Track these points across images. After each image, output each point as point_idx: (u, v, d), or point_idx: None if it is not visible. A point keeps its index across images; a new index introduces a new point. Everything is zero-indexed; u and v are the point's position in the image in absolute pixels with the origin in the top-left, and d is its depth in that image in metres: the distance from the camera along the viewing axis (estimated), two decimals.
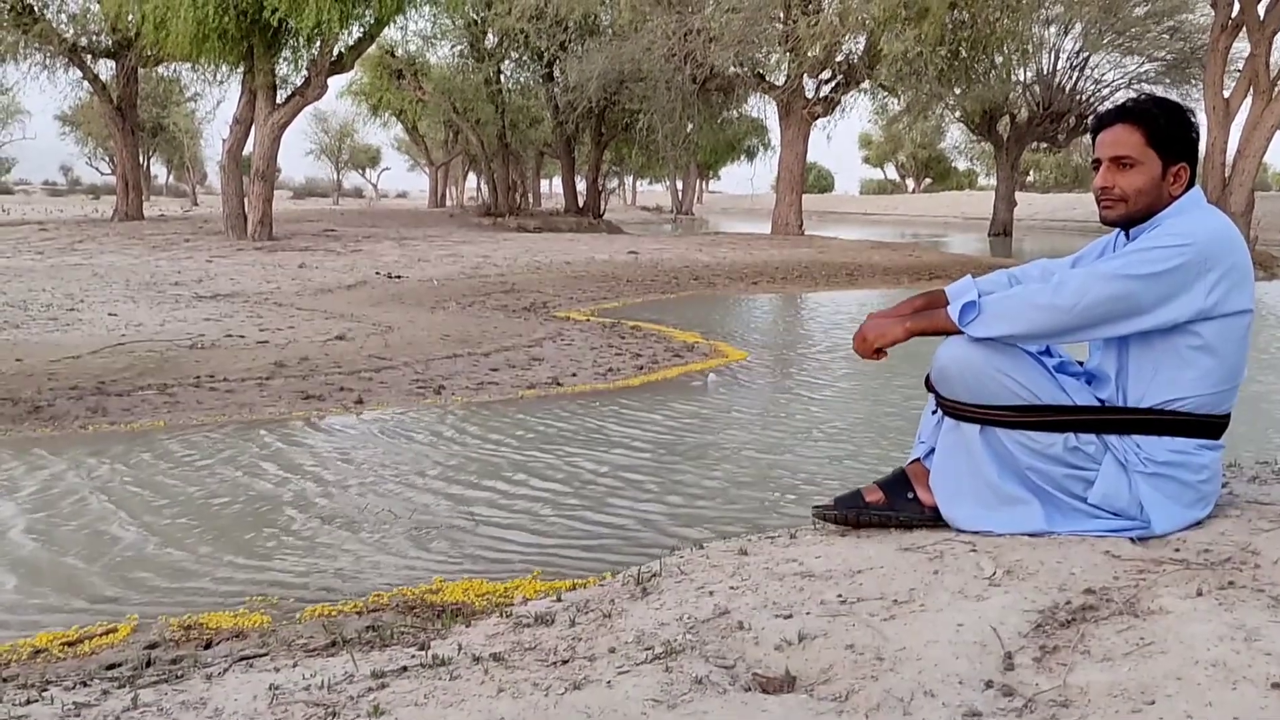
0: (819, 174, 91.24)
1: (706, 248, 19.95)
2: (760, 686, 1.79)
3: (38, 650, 2.60)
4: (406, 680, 1.92)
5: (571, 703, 1.73)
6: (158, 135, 46.54)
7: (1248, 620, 1.87)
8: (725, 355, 7.72)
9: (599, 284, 13.49)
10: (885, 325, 2.57)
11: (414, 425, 5.31)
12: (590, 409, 5.69)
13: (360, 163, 73.39)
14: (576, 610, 2.29)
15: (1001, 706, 1.67)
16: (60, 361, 6.54)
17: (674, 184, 62.10)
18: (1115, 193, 2.46)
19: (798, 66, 22.30)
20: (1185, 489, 2.43)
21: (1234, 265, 2.36)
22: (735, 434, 5.17)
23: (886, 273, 16.80)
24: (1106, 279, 2.36)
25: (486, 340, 7.96)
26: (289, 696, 1.87)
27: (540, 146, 36.68)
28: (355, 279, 12.69)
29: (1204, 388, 2.40)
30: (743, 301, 12.81)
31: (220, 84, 24.31)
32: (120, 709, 1.87)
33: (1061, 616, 2.00)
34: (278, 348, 7.29)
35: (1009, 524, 2.48)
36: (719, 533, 3.44)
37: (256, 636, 2.58)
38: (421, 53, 30.97)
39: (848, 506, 2.70)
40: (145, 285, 11.14)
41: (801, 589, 2.24)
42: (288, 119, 18.45)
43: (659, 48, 22.66)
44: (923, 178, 79.26)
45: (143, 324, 8.21)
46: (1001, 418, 2.45)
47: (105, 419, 5.23)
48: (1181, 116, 2.46)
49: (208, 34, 16.28)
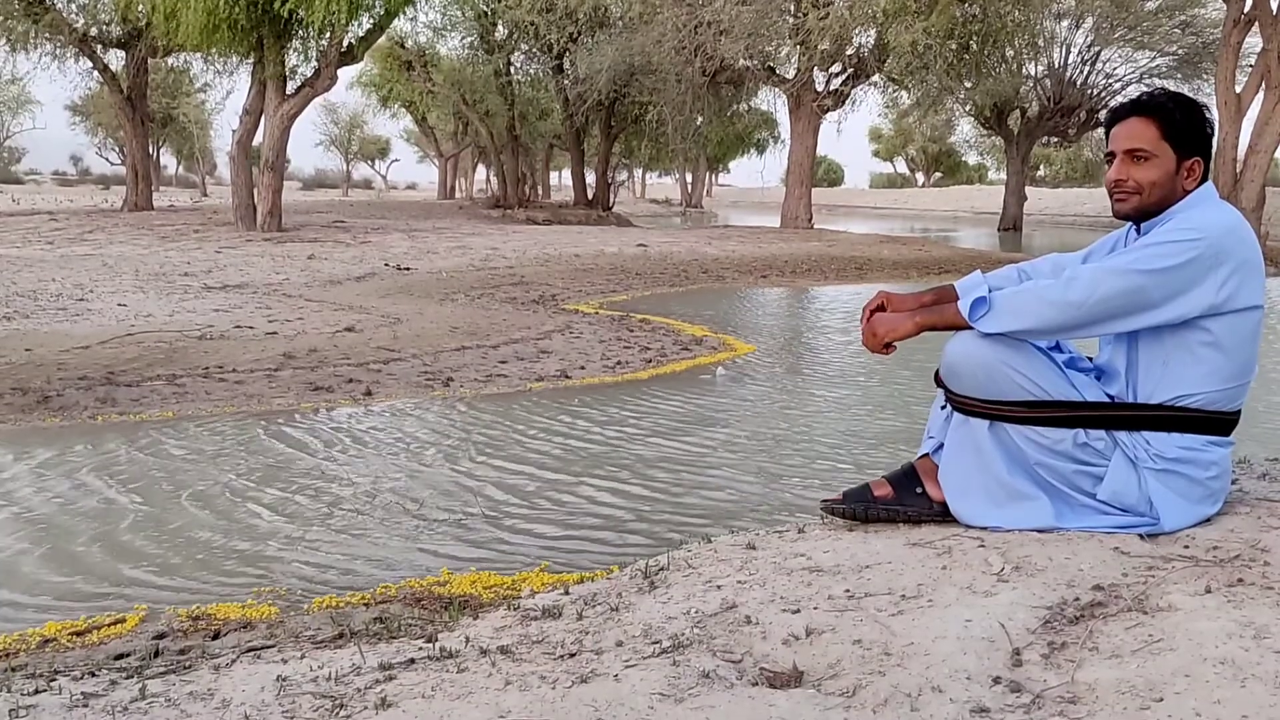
0: (828, 167, 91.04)
1: (716, 241, 19.93)
2: (767, 681, 1.79)
3: (46, 640, 2.61)
4: (414, 672, 1.93)
5: (578, 696, 1.73)
6: (168, 126, 46.69)
7: (1257, 618, 1.87)
8: (734, 349, 7.71)
9: (608, 277, 13.49)
10: (895, 320, 2.56)
11: (422, 417, 5.32)
12: (599, 402, 5.69)
13: (369, 154, 73.46)
14: (584, 603, 2.29)
15: (1009, 703, 1.67)
16: (69, 351, 6.55)
17: (683, 177, 62.08)
18: (1129, 185, 2.45)
19: (808, 59, 22.24)
20: (1195, 485, 2.42)
21: (1245, 261, 2.35)
22: (743, 428, 5.16)
23: (895, 267, 16.76)
24: (1118, 274, 2.35)
25: (495, 332, 7.97)
26: (296, 688, 1.88)
27: (550, 139, 36.65)
28: (364, 270, 12.71)
29: (1214, 384, 2.39)
30: (751, 295, 12.80)
31: (230, 75, 24.45)
32: (128, 699, 1.87)
33: (1070, 613, 1.99)
34: (286, 339, 7.30)
35: (1018, 520, 2.48)
36: (727, 527, 3.44)
37: (264, 628, 2.58)
38: (431, 44, 31.02)
39: (856, 501, 2.69)
40: (154, 276, 11.16)
41: (809, 584, 2.23)
42: (297, 110, 18.45)
43: (669, 40, 22.62)
44: (933, 172, 79.06)
45: (152, 314, 8.23)
46: (1011, 413, 2.44)
47: (114, 409, 5.25)
48: (1196, 111, 2.44)
49: (218, 24, 16.28)
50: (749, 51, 22.62)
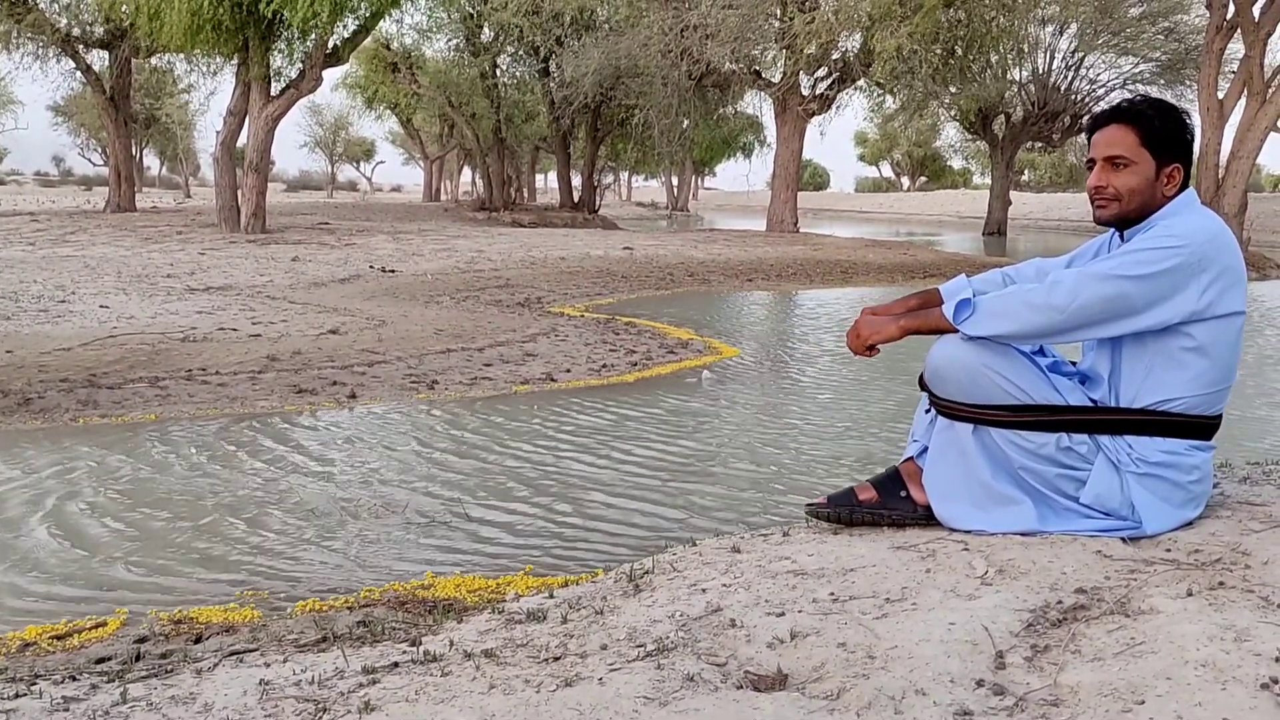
0: (814, 171, 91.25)
1: (701, 244, 19.95)
2: (752, 684, 1.79)
3: (26, 643, 2.59)
4: (397, 676, 1.92)
5: (563, 699, 1.73)
6: (151, 127, 46.44)
7: (1237, 620, 1.88)
8: (719, 352, 7.72)
9: (593, 280, 13.49)
10: (880, 323, 2.57)
11: (406, 420, 5.30)
12: (584, 405, 5.69)
13: (355, 156, 73.23)
14: (569, 607, 2.29)
15: (993, 705, 1.68)
16: (51, 353, 6.51)
17: (669, 180, 62.11)
18: (1109, 192, 2.47)
19: (794, 63, 22.28)
20: (1177, 489, 2.44)
21: (1227, 267, 2.37)
22: (728, 431, 5.17)
23: (880, 271, 16.81)
24: (1100, 280, 2.36)
25: (480, 335, 7.95)
26: (279, 692, 1.87)
27: (536, 141, 36.62)
28: (349, 273, 12.67)
29: (1196, 389, 2.41)
30: (737, 298, 12.82)
31: (214, 75, 24.35)
32: (109, 703, 1.86)
33: (1053, 616, 2.00)
34: (270, 341, 7.27)
35: (1001, 523, 2.49)
36: (712, 530, 3.44)
37: (247, 631, 2.57)
38: (417, 46, 30.98)
39: (841, 504, 2.69)
40: (137, 277, 11.10)
41: (794, 587, 2.24)
42: (282, 111, 18.39)
43: (655, 43, 22.63)
44: (918, 176, 79.31)
45: (134, 316, 8.19)
46: (995, 417, 2.45)
47: (96, 411, 5.22)
48: (1176, 117, 2.46)
49: (202, 25, 16.22)
50: (735, 55, 22.66)
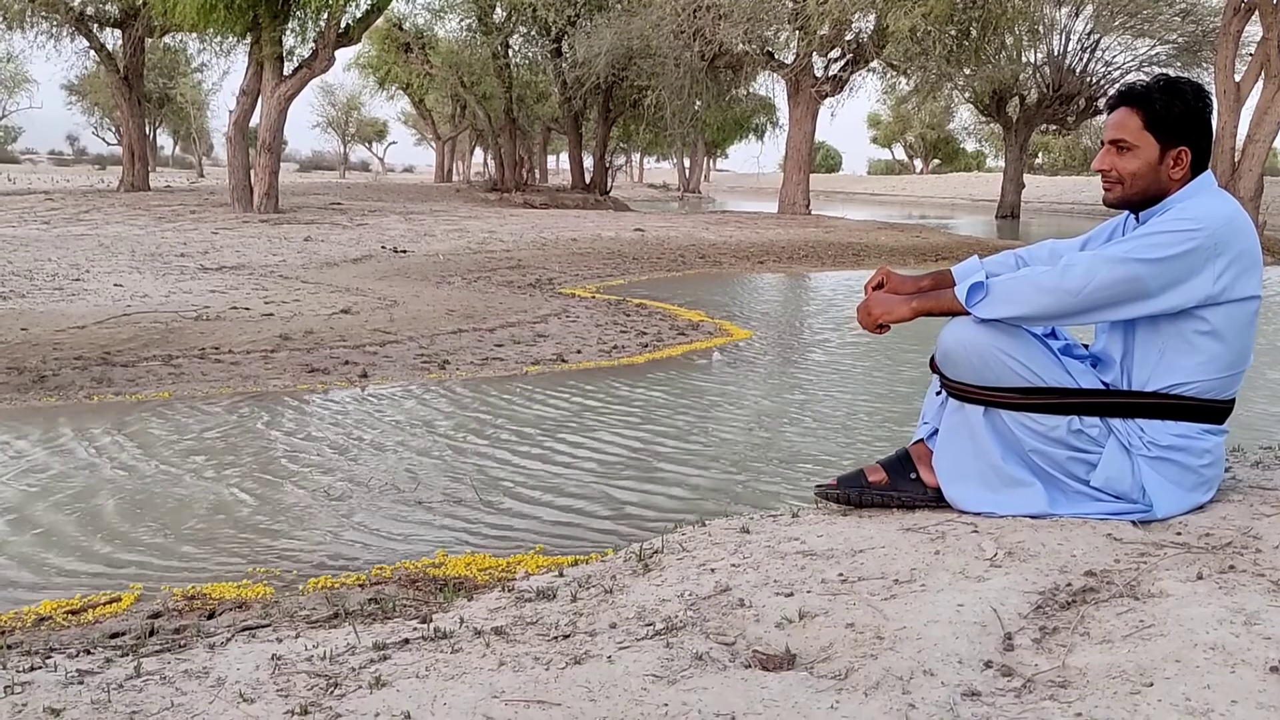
0: (826, 153, 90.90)
1: (713, 226, 19.90)
2: (760, 664, 1.80)
3: (42, 618, 2.61)
4: (408, 652, 1.93)
5: (572, 677, 1.74)
6: (164, 106, 46.56)
7: (1248, 604, 1.88)
8: (730, 334, 7.71)
9: (605, 261, 13.47)
10: (892, 303, 2.56)
11: (418, 400, 5.32)
12: (595, 386, 5.69)
13: (367, 136, 73.30)
14: (578, 585, 2.30)
15: (1000, 686, 1.68)
16: (65, 331, 6.54)
17: (681, 162, 61.87)
18: (1112, 175, 2.47)
19: (807, 45, 22.19)
20: (1188, 473, 2.43)
21: (1243, 251, 2.35)
22: (738, 412, 5.17)
23: (893, 253, 16.75)
24: (1114, 262, 2.34)
25: (491, 316, 7.96)
26: (291, 667, 1.88)
27: (547, 122, 36.57)
28: (361, 253, 12.68)
29: (1209, 373, 2.40)
30: (748, 280, 12.79)
31: (227, 55, 24.39)
32: (123, 677, 1.88)
33: (1062, 598, 2.00)
34: (283, 320, 7.29)
35: (1011, 506, 2.48)
36: (721, 510, 3.45)
37: (259, 607, 2.59)
38: (429, 26, 30.94)
39: (850, 486, 2.70)
40: (151, 256, 11.14)
41: (803, 567, 2.24)
42: (294, 91, 18.39)
43: (668, 24, 22.56)
44: (931, 159, 78.92)
45: (148, 295, 8.22)
46: (1005, 399, 2.45)
47: (110, 389, 5.24)
48: (1184, 98, 2.41)
49: (215, 4, 16.23)
50: (748, 36, 22.55)
